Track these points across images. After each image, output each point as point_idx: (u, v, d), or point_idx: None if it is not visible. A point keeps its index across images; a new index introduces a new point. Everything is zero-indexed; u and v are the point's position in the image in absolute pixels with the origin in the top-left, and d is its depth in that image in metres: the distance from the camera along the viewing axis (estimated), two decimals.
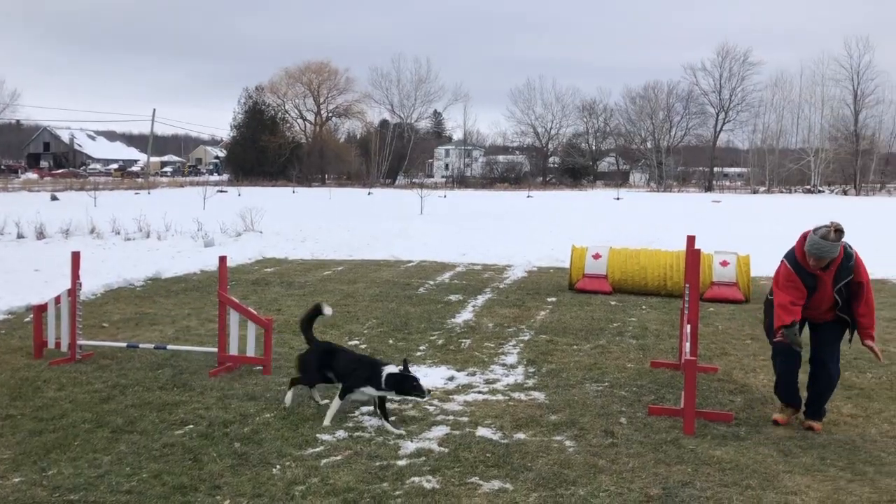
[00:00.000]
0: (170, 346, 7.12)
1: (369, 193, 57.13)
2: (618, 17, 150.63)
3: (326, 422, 5.32)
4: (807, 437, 5.23)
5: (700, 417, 5.43)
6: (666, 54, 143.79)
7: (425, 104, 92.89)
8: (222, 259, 6.88)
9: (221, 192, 49.38)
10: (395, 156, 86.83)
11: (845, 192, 71.63)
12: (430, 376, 6.60)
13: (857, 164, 75.61)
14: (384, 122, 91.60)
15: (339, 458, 4.74)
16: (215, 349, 6.85)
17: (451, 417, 5.53)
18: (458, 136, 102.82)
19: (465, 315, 9.54)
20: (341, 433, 5.17)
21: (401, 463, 4.66)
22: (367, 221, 26.17)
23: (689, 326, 5.65)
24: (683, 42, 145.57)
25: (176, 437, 5.07)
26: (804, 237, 5.41)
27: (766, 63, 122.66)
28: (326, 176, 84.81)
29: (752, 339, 8.41)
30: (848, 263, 5.38)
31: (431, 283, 12.32)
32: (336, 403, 5.45)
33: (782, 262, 5.60)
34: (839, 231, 5.23)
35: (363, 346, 7.70)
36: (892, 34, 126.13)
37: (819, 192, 73.59)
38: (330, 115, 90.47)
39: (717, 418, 5.50)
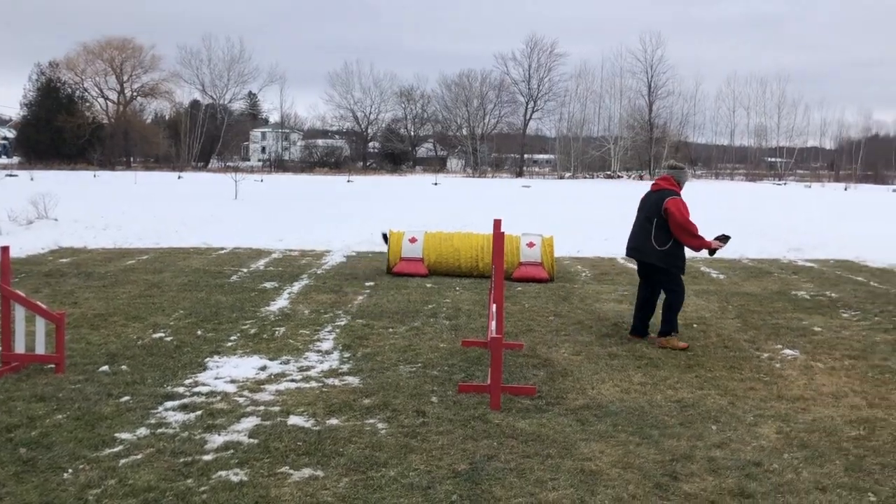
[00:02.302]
0: None
1: (179, 177, 54.55)
2: (432, 5, 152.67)
3: None
4: (602, 405, 5.61)
5: (506, 392, 5.68)
6: (479, 43, 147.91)
7: (239, 85, 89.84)
8: (4, 249, 6.27)
9: (11, 176, 45.14)
10: (208, 138, 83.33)
11: (641, 178, 77.42)
12: (241, 367, 6.42)
13: (651, 152, 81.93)
14: (195, 103, 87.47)
15: (139, 456, 4.49)
16: None
17: (261, 408, 5.40)
18: (274, 118, 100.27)
19: (281, 302, 9.35)
20: (143, 430, 4.90)
21: (207, 458, 4.50)
22: (176, 207, 24.92)
23: (494, 306, 5.87)
24: (495, 32, 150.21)
25: None
26: (673, 179, 7.55)
27: (570, 55, 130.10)
28: (132, 159, 79.88)
29: (556, 315, 8.90)
30: None
31: (245, 270, 11.96)
32: None
33: (679, 199, 7.35)
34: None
35: (169, 339, 7.34)
36: (679, 30, 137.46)
37: (618, 177, 79.05)
38: (135, 94, 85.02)
39: (521, 392, 5.78)
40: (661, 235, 7.45)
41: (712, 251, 7.71)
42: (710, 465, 4.55)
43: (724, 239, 7.68)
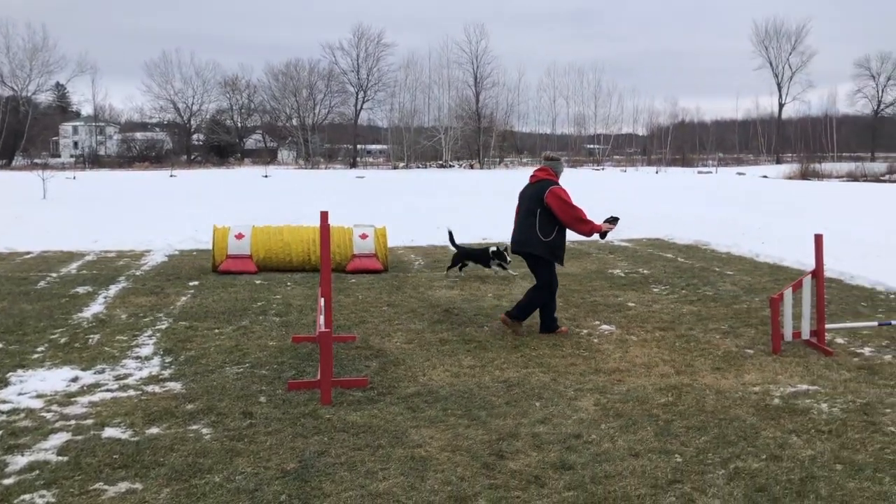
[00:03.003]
0: None
1: None
2: None
3: None
4: (432, 391, 5.69)
5: (337, 386, 5.62)
6: (305, 32, 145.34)
7: (44, 75, 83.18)
8: None
9: None
10: (10, 133, 76.59)
11: (472, 167, 79.45)
12: (50, 380, 5.94)
13: (479, 141, 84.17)
14: None
15: None
16: None
17: (72, 422, 5.02)
18: (87, 111, 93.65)
19: (95, 308, 8.75)
20: None
21: (8, 482, 4.11)
22: None
23: (322, 300, 5.79)
24: (321, 21, 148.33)
25: None
26: (551, 170, 7.52)
27: (398, 45, 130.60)
28: None
29: (389, 305, 8.93)
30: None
31: (54, 275, 11.08)
32: None
33: (560, 188, 7.36)
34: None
35: None
36: (501, 22, 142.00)
37: (450, 166, 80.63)
38: None
39: (352, 385, 5.74)
40: (546, 226, 7.34)
41: (603, 234, 7.63)
42: (534, 440, 4.73)
43: (613, 221, 7.58)
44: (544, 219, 7.36)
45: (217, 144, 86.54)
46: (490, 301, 9.17)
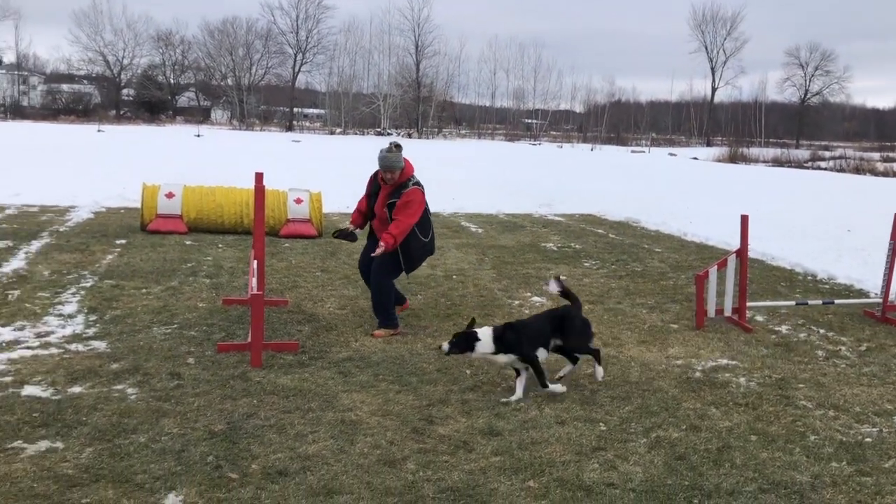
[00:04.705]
0: None
1: None
2: None
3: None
4: (364, 357, 5.70)
5: (267, 349, 5.58)
6: None
7: None
8: None
9: None
10: None
11: (410, 136, 78.97)
12: None
13: (419, 110, 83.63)
14: None
15: None
16: None
17: None
18: (9, 59, 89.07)
19: (15, 263, 8.43)
20: None
21: None
22: None
23: (255, 262, 5.71)
24: None
25: None
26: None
27: (339, 8, 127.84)
28: None
29: (322, 270, 8.87)
30: (401, 189, 6.26)
31: None
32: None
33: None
34: (397, 146, 6.44)
35: None
36: None
37: (388, 134, 79.98)
38: None
39: (283, 348, 5.71)
40: None
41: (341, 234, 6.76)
42: (464, 407, 4.80)
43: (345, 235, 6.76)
44: None
45: (148, 101, 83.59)
46: (424, 270, 9.17)
